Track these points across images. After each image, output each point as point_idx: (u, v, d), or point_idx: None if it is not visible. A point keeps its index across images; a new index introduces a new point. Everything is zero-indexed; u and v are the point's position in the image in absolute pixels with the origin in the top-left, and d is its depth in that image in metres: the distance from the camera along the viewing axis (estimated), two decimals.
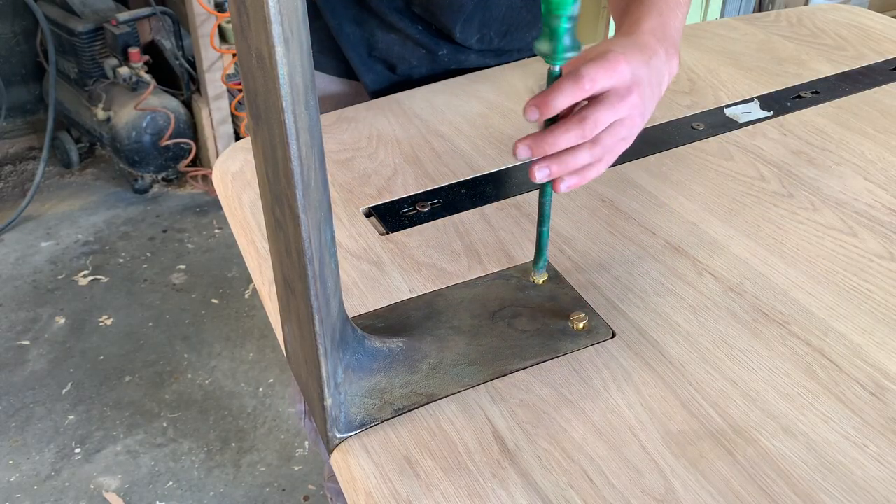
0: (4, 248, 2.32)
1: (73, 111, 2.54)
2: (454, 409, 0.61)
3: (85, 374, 1.91)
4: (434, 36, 1.02)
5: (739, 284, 0.72)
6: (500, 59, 1.09)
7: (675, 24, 0.72)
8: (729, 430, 0.59)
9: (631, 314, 0.69)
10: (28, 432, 1.77)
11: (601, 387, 0.63)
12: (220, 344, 2.00)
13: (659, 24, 0.70)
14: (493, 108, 1.00)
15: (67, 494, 1.64)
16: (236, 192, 0.87)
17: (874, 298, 0.71)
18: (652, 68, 0.66)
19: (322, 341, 0.54)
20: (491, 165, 0.90)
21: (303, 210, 0.48)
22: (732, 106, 1.00)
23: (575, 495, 0.55)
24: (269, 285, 0.75)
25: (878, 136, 0.94)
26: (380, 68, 1.04)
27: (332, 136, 0.95)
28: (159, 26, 2.45)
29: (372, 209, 0.83)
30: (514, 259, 0.76)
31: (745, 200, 0.83)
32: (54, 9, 2.43)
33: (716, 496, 0.54)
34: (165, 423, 1.79)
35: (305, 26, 0.45)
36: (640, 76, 0.64)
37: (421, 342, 0.66)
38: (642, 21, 0.70)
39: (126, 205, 2.50)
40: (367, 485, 0.56)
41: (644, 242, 0.78)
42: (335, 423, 0.59)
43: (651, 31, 0.69)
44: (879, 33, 1.19)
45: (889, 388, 0.62)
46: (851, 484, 0.55)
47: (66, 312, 2.09)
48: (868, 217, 0.81)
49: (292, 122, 0.45)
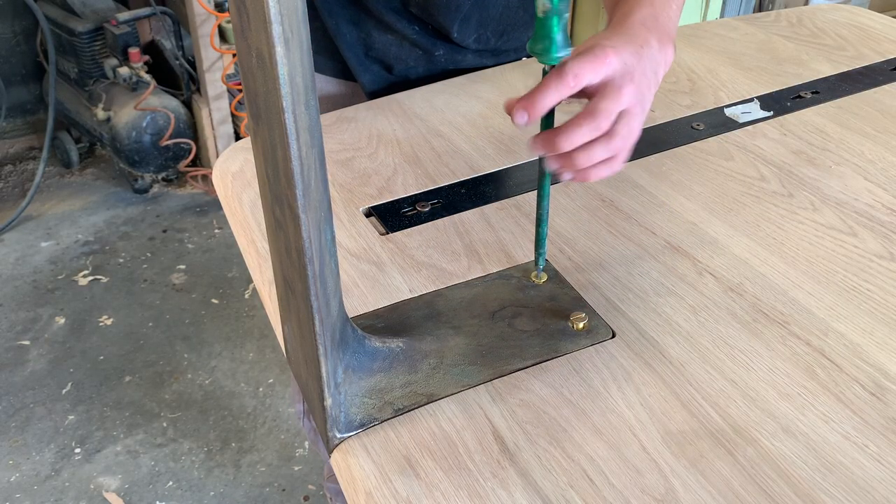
0: (4, 248, 2.32)
1: (73, 111, 2.54)
2: (454, 409, 0.61)
3: (85, 374, 1.91)
4: (431, 36, 1.02)
5: (739, 284, 0.72)
6: (498, 59, 1.09)
7: (668, 14, 0.71)
8: (729, 430, 0.59)
9: (631, 314, 0.69)
10: (28, 432, 1.77)
11: (601, 387, 0.63)
12: (220, 344, 2.00)
13: (650, 15, 0.69)
14: (493, 108, 1.00)
15: (67, 494, 1.64)
16: (236, 192, 0.87)
17: (874, 298, 0.71)
18: (644, 58, 0.65)
19: (322, 341, 0.54)
20: (491, 165, 0.90)
21: (303, 210, 0.48)
22: (732, 106, 1.00)
23: (575, 495, 0.55)
24: (269, 285, 0.75)
25: (878, 136, 0.94)
26: (377, 68, 1.04)
27: (332, 136, 0.95)
28: (159, 26, 2.45)
29: (372, 209, 0.83)
30: (514, 259, 0.76)
31: (745, 200, 0.83)
32: (54, 9, 2.43)
33: (716, 496, 0.54)
34: (165, 423, 1.79)
35: (305, 26, 0.45)
36: (631, 66, 0.63)
37: (421, 342, 0.66)
38: (632, 13, 0.70)
39: (126, 205, 2.50)
40: (367, 485, 0.56)
41: (644, 242, 0.78)
42: (335, 423, 0.59)
43: (641, 21, 0.69)
44: (879, 33, 1.19)
45: (889, 388, 0.62)
46: (851, 484, 0.55)
47: (66, 312, 2.09)
48: (868, 217, 0.81)
49: (292, 122, 0.45)
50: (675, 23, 0.73)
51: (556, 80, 0.60)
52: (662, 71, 0.68)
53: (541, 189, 0.67)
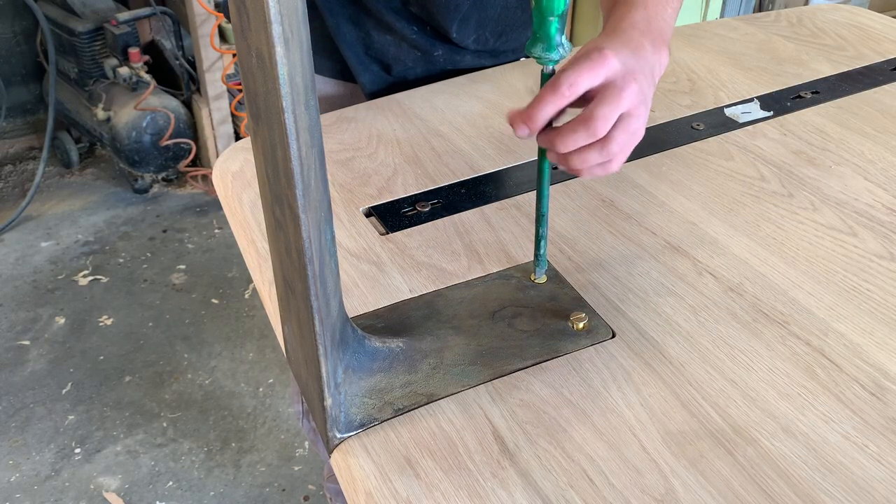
0: (4, 248, 2.32)
1: (73, 111, 2.54)
2: (454, 409, 0.61)
3: (85, 374, 1.91)
4: (430, 37, 1.02)
5: (739, 284, 0.72)
6: (496, 59, 1.09)
7: (663, 17, 0.71)
8: (729, 430, 0.59)
9: (631, 314, 0.69)
10: (28, 432, 1.77)
11: (601, 387, 0.63)
12: (220, 344, 2.00)
13: (643, 18, 0.69)
14: (493, 108, 1.00)
15: (67, 494, 1.64)
16: (236, 192, 0.87)
17: (874, 298, 0.71)
18: (640, 59, 0.65)
19: (322, 341, 0.54)
20: (491, 165, 0.90)
21: (303, 210, 0.48)
22: (732, 106, 1.00)
23: (575, 495, 0.55)
24: (269, 285, 0.75)
25: (878, 136, 0.94)
26: (376, 68, 1.04)
27: (332, 136, 0.95)
28: (159, 26, 2.45)
29: (372, 209, 0.83)
30: (514, 259, 0.76)
31: (745, 200, 0.83)
32: (54, 9, 2.43)
33: (716, 496, 0.54)
34: (165, 423, 1.79)
35: (305, 26, 0.45)
36: (631, 66, 0.63)
37: (421, 342, 0.66)
38: (626, 16, 0.70)
39: (126, 205, 2.50)
40: (367, 485, 0.56)
41: (644, 242, 0.78)
42: (335, 423, 0.59)
43: (634, 24, 0.69)
44: (879, 33, 1.19)
45: (889, 388, 0.62)
46: (851, 484, 0.55)
47: (66, 312, 2.09)
48: (868, 217, 0.81)
49: (292, 122, 0.45)
50: (671, 25, 0.73)
51: (552, 92, 0.60)
52: (658, 74, 0.68)
53: (539, 190, 0.67)
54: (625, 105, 0.62)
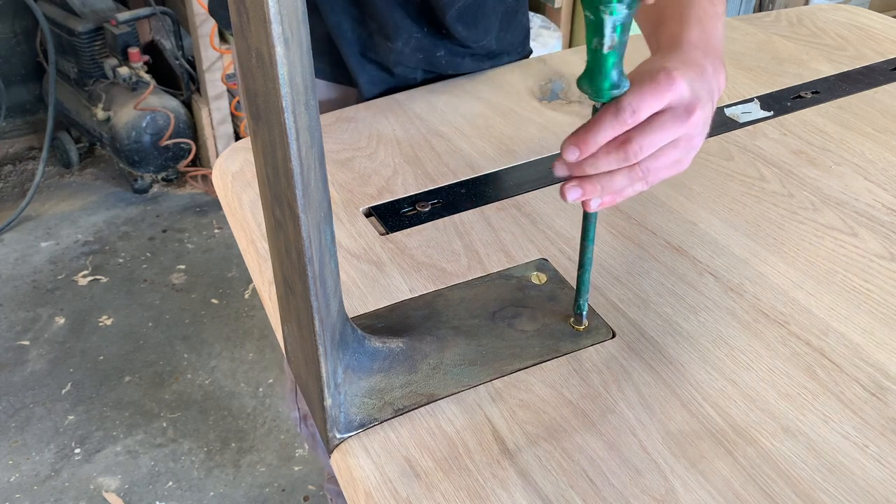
0: (4, 248, 2.32)
1: (73, 111, 2.54)
2: (454, 409, 0.61)
3: (85, 374, 1.91)
4: (431, 37, 1.01)
5: (739, 284, 0.72)
6: (494, 62, 1.09)
7: (718, 35, 0.66)
8: (729, 430, 0.59)
9: (631, 314, 0.69)
10: (28, 432, 1.77)
11: (601, 387, 0.63)
12: (219, 344, 2.00)
13: (701, 36, 0.64)
14: (493, 108, 1.00)
15: (67, 494, 1.64)
16: (236, 192, 0.87)
17: (874, 298, 0.71)
18: (704, 82, 0.60)
19: (322, 341, 0.54)
20: (491, 165, 0.90)
21: (303, 210, 0.48)
22: (732, 106, 1.00)
23: (575, 495, 0.55)
24: (269, 285, 0.74)
25: (878, 136, 0.94)
26: (374, 69, 1.04)
27: (332, 136, 0.95)
28: (159, 26, 2.45)
29: (372, 209, 0.83)
30: (514, 259, 0.76)
31: (745, 200, 0.83)
32: (54, 9, 2.43)
33: (716, 496, 0.54)
34: (165, 423, 1.79)
35: (305, 26, 0.45)
36: (698, 91, 0.58)
37: (421, 342, 0.66)
38: (682, 34, 0.64)
39: (126, 205, 2.50)
40: (367, 485, 0.56)
41: (644, 242, 0.78)
42: (335, 424, 0.59)
43: (695, 44, 0.63)
44: (879, 33, 1.19)
45: (889, 388, 0.62)
46: (851, 484, 0.55)
47: (66, 312, 2.09)
48: (868, 217, 0.81)
49: (292, 122, 0.45)
50: (723, 43, 0.67)
51: (612, 117, 0.56)
52: (717, 97, 0.63)
53: (585, 231, 0.62)
54: (677, 133, 0.58)
